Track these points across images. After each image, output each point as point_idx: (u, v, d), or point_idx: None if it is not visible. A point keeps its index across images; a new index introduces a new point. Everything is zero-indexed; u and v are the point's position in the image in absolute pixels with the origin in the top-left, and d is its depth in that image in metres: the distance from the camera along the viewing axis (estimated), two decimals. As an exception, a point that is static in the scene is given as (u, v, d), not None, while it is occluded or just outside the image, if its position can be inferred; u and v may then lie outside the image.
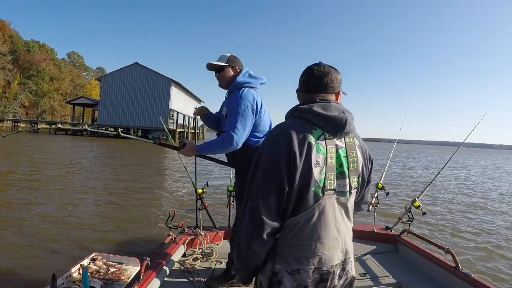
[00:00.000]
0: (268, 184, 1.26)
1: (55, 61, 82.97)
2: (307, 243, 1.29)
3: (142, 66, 43.25)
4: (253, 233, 1.27)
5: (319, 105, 1.35)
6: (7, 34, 69.27)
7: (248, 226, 1.28)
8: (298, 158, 1.24)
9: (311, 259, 1.30)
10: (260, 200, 1.25)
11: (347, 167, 1.36)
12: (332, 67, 1.44)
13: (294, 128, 1.29)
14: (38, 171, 11.75)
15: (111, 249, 4.68)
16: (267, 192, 1.25)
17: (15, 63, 69.85)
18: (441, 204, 9.80)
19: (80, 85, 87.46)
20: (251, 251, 1.30)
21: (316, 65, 1.43)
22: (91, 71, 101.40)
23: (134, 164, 15.89)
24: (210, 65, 2.66)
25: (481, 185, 15.58)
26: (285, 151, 1.25)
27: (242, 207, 1.35)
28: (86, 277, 2.01)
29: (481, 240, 6.34)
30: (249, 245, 1.29)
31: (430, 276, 3.03)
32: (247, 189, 1.33)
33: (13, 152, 17.55)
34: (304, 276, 1.30)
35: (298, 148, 1.25)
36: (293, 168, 1.24)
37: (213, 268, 3.08)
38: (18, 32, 76.36)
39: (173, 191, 9.74)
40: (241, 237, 1.32)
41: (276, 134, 1.32)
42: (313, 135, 1.29)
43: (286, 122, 1.36)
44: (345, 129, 1.34)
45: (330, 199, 1.31)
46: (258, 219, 1.25)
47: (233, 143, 2.44)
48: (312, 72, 1.43)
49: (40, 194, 8.12)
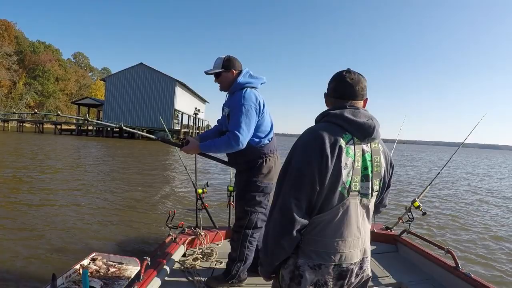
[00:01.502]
0: (301, 184, 1.32)
1: (61, 61, 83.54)
2: (330, 240, 1.37)
3: (147, 67, 43.40)
4: (284, 229, 1.33)
5: (349, 111, 1.42)
6: (12, 35, 69.92)
7: (278, 223, 1.35)
8: (330, 160, 1.31)
9: (332, 255, 1.37)
10: (292, 198, 1.32)
11: (371, 170, 1.44)
12: (361, 75, 1.49)
13: (326, 131, 1.35)
14: (40, 171, 11.81)
15: (111, 249, 4.69)
16: (299, 190, 1.32)
17: (21, 63, 70.43)
18: (441, 204, 9.77)
19: (85, 86, 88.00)
20: (279, 247, 1.36)
21: (347, 72, 1.48)
22: (96, 71, 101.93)
23: (135, 164, 15.94)
24: (207, 73, 2.68)
25: (482, 185, 15.48)
26: (318, 153, 1.31)
27: (272, 204, 1.45)
28: (86, 277, 2.01)
29: (481, 240, 6.31)
30: (278, 241, 1.35)
31: (430, 276, 3.02)
32: (278, 187, 1.41)
33: (17, 152, 17.69)
34: (324, 272, 1.37)
35: (330, 151, 1.31)
36: (324, 169, 1.31)
37: (213, 268, 3.08)
38: (24, 33, 77.17)
39: (173, 191, 9.76)
40: (269, 232, 1.39)
41: (309, 137, 1.38)
42: (343, 139, 1.36)
43: (319, 126, 1.42)
44: (372, 135, 1.42)
45: (354, 200, 1.39)
46: (289, 216, 1.31)
47: (239, 143, 2.45)
48: (344, 79, 1.47)
49: (40, 194, 8.15)
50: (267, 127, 2.68)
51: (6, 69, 65.28)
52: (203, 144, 2.59)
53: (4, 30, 67.62)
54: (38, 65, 73.89)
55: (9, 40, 67.90)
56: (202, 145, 2.59)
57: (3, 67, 64.56)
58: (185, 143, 2.65)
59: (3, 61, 64.97)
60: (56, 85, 77.87)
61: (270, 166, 2.67)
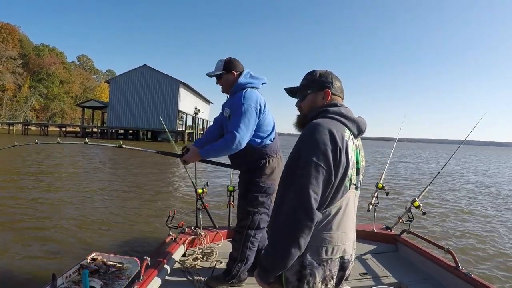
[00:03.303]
0: (317, 177, 1.28)
1: (65, 64, 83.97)
2: (335, 234, 1.38)
3: (151, 68, 43.58)
4: (303, 226, 1.26)
5: (344, 109, 1.48)
6: (16, 38, 70.40)
7: (297, 220, 1.27)
8: (343, 152, 1.33)
9: (338, 249, 1.39)
10: (312, 191, 1.27)
11: (360, 165, 1.49)
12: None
13: (333, 126, 1.35)
14: (42, 171, 11.87)
15: (111, 249, 4.69)
16: (317, 184, 1.28)
17: (25, 67, 70.92)
18: (441, 204, 9.69)
19: (90, 88, 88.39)
20: (297, 246, 1.28)
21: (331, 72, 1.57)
22: (101, 73, 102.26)
23: (136, 164, 15.99)
24: (209, 75, 2.70)
25: (482, 185, 15.36)
26: (332, 146, 1.31)
27: (276, 203, 1.41)
28: (86, 277, 2.01)
29: (481, 240, 6.26)
30: (296, 240, 1.27)
31: (430, 276, 3.01)
32: (286, 184, 1.36)
33: (22, 153, 17.77)
34: (332, 266, 1.38)
35: (341, 144, 1.33)
36: (339, 162, 1.32)
37: (213, 268, 3.08)
38: (28, 37, 77.56)
39: (173, 191, 9.77)
40: (284, 232, 1.29)
41: (319, 130, 1.33)
42: (346, 133, 1.38)
43: (324, 121, 1.38)
44: (364, 131, 1.50)
45: (352, 192, 1.42)
46: (309, 212, 1.26)
47: (235, 142, 2.44)
48: (337, 77, 1.57)
49: (40, 194, 8.18)
50: (269, 127, 2.68)
51: (11, 72, 65.72)
52: (202, 151, 2.58)
53: (8, 33, 68.08)
54: (43, 68, 74.36)
55: (13, 44, 68.33)
56: (201, 151, 2.58)
57: (7, 71, 65.01)
58: (185, 152, 2.64)
59: (8, 64, 65.44)
60: (61, 88, 78.27)
61: (273, 166, 2.67)
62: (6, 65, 65.06)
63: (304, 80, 1.59)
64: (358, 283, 2.88)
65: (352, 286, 2.80)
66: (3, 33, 67.12)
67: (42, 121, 45.58)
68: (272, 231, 1.40)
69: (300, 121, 1.59)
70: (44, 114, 71.26)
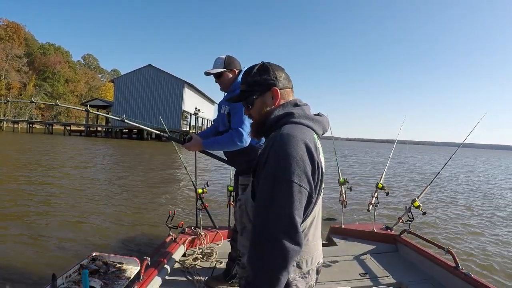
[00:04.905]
0: (302, 199, 1.15)
1: (70, 63, 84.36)
2: (312, 244, 1.31)
3: (155, 68, 43.66)
4: (293, 254, 1.12)
5: (307, 108, 1.33)
6: (22, 37, 70.81)
7: (285, 249, 1.11)
8: (320, 165, 1.21)
9: (316, 257, 1.34)
10: (297, 218, 1.13)
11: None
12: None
13: (305, 136, 1.20)
14: (42, 171, 11.92)
15: (111, 249, 4.70)
16: (301, 207, 1.15)
17: (31, 65, 71.31)
18: (441, 204, 9.67)
19: (95, 87, 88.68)
20: (287, 273, 1.13)
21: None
22: (106, 73, 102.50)
23: (137, 165, 16.02)
24: (208, 73, 2.67)
25: (482, 185, 15.30)
26: (311, 161, 1.17)
27: (262, 228, 1.15)
28: (86, 277, 2.01)
29: (481, 240, 6.25)
30: (285, 268, 1.12)
31: (430, 276, 3.01)
32: (268, 206, 1.15)
33: (27, 152, 17.88)
34: (312, 275, 1.33)
35: (316, 155, 1.19)
36: (317, 177, 1.21)
37: (213, 268, 3.08)
38: (33, 35, 78.06)
39: (173, 191, 9.77)
40: (273, 264, 1.11)
41: (291, 144, 1.16)
42: (316, 139, 1.25)
43: (291, 130, 1.22)
44: (327, 130, 1.38)
45: (319, 198, 1.30)
46: (298, 239, 1.13)
47: (242, 140, 2.45)
48: (277, 66, 1.38)
49: (40, 195, 8.19)
50: None
51: (16, 71, 66.10)
52: (206, 141, 2.58)
53: (13, 32, 68.50)
54: (48, 67, 74.77)
55: (19, 42, 68.73)
56: (204, 142, 2.58)
57: (13, 69, 65.39)
58: (188, 140, 2.64)
59: (13, 63, 65.78)
60: (66, 87, 78.66)
61: None
62: (11, 63, 65.38)
63: (244, 84, 1.39)
64: (358, 283, 2.88)
65: (352, 286, 2.81)
66: (8, 31, 67.55)
67: (47, 120, 45.45)
68: (256, 263, 1.15)
69: (259, 130, 1.41)
70: (49, 113, 71.56)
